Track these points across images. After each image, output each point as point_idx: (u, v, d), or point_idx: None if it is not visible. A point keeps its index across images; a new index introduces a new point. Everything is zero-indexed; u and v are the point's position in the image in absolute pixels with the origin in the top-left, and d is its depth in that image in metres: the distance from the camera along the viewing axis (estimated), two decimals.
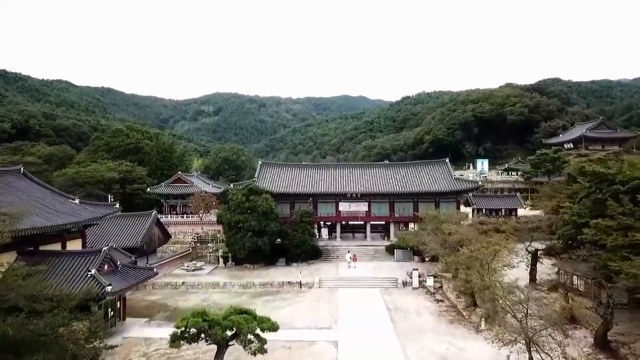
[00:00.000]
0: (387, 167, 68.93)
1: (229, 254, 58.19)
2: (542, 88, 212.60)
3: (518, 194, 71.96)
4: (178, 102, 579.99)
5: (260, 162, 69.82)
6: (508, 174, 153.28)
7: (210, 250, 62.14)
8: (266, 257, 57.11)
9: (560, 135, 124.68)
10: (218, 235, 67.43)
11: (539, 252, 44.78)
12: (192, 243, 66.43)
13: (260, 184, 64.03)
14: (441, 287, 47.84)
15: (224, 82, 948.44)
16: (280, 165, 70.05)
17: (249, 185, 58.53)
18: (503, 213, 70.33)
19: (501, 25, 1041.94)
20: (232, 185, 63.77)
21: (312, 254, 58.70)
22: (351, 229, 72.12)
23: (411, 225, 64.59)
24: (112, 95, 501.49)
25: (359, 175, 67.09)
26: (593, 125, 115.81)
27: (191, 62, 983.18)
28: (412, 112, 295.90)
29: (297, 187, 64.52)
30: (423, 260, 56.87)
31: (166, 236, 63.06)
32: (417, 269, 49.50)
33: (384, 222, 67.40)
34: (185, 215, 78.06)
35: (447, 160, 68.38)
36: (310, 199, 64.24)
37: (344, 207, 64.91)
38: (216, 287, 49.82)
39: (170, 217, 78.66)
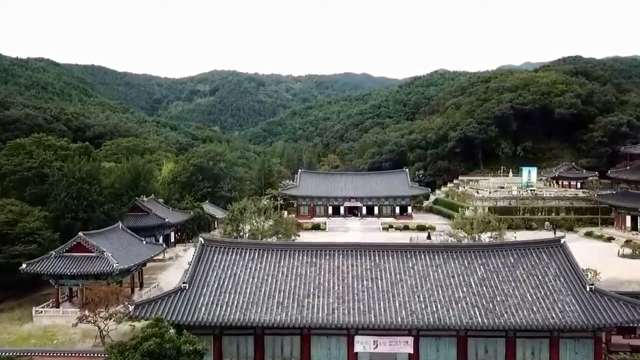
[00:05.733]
0: (447, 255, 35.44)
1: None
2: (588, 71, 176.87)
3: None
4: (173, 80, 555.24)
5: (201, 241, 35.94)
6: (558, 184, 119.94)
7: None
8: None
9: None
10: None
11: None
12: None
13: (191, 300, 31.23)
14: None
15: (222, 59, 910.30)
16: (238, 248, 36.11)
17: (159, 328, 25.41)
18: None
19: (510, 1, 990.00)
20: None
21: None
22: None
23: None
24: (102, 74, 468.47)
25: (394, 272, 33.90)
26: None
27: (189, 38, 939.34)
28: (425, 95, 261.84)
29: (269, 308, 31.50)
30: None
31: None
32: None
33: None
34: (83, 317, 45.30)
35: (563, 241, 35.31)
36: (299, 333, 31.64)
37: (364, 345, 31.87)
38: None
39: (61, 311, 46.28)
